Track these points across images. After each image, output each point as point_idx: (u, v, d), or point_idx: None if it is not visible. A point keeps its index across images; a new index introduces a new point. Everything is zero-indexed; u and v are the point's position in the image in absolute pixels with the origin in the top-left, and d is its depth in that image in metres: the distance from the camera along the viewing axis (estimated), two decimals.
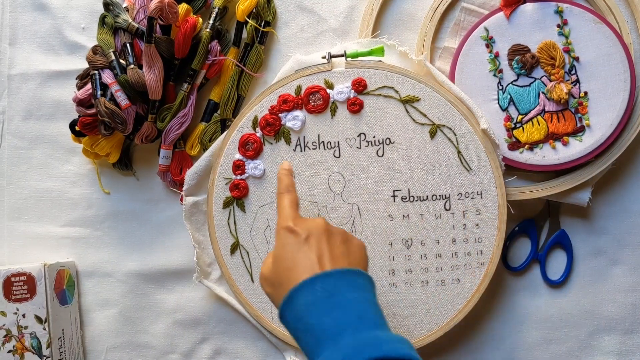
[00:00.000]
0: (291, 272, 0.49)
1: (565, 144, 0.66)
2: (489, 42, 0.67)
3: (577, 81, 0.66)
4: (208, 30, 0.69)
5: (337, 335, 0.44)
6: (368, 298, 0.48)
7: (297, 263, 0.49)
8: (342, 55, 0.67)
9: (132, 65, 0.67)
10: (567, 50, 0.66)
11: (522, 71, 0.67)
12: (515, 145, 0.67)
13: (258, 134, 0.68)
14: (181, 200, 0.70)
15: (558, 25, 0.66)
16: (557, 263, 0.71)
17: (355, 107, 0.67)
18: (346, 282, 0.48)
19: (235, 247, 0.68)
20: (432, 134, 0.66)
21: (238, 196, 0.68)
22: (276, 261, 0.51)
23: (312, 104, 0.67)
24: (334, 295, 0.46)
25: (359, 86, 0.66)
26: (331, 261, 0.49)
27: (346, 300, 0.46)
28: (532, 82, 0.67)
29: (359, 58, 0.67)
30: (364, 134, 0.67)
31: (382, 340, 0.44)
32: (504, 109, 0.67)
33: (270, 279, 0.51)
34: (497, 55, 0.67)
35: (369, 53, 0.67)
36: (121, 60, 0.68)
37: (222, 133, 0.70)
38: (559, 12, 0.66)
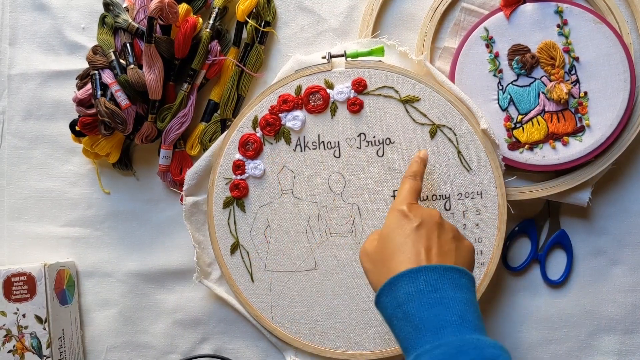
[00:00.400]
0: (395, 256, 0.49)
1: (565, 144, 0.66)
2: (489, 42, 0.67)
3: (577, 81, 0.66)
4: (208, 30, 0.70)
5: (438, 330, 0.44)
6: (470, 299, 0.47)
7: (404, 249, 0.49)
8: (342, 55, 0.67)
9: (132, 65, 0.67)
10: (567, 50, 0.66)
11: (522, 71, 0.67)
12: (515, 145, 0.67)
13: (258, 134, 0.68)
14: (181, 200, 0.70)
15: (558, 25, 0.66)
16: (557, 263, 0.71)
17: (355, 107, 0.67)
18: (450, 279, 0.47)
19: (235, 247, 0.68)
20: (432, 134, 0.66)
21: (238, 196, 0.68)
22: (383, 240, 0.51)
23: (312, 104, 0.67)
24: (437, 291, 0.46)
25: (359, 86, 0.66)
26: (438, 256, 0.49)
27: (448, 298, 0.46)
28: (532, 82, 0.67)
29: (359, 58, 0.67)
30: (364, 134, 0.67)
31: (485, 344, 0.44)
32: (504, 109, 0.67)
33: (372, 256, 0.51)
34: (497, 55, 0.67)
35: (369, 53, 0.67)
36: (121, 60, 0.68)
37: (222, 133, 0.70)
38: (559, 12, 0.66)
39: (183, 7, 0.68)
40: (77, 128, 0.69)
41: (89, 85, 0.68)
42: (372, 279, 0.51)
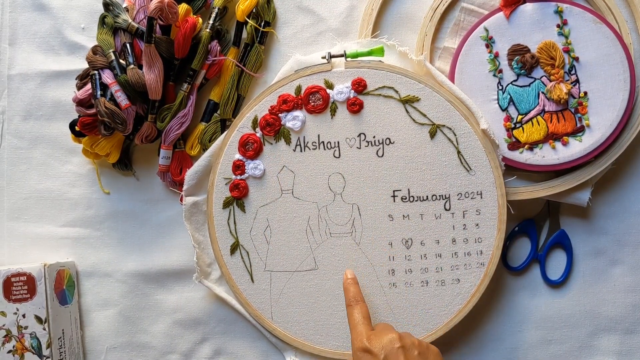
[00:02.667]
0: None
1: (565, 144, 0.66)
2: (489, 42, 0.67)
3: (577, 81, 0.66)
4: (208, 30, 0.69)
5: None
6: None
7: None
8: (342, 56, 0.67)
9: (132, 65, 0.67)
10: (567, 50, 0.66)
11: (522, 71, 0.67)
12: (515, 145, 0.67)
13: (258, 134, 0.68)
14: (181, 200, 0.70)
15: (558, 25, 0.66)
16: (557, 263, 0.71)
17: (355, 107, 0.67)
18: None
19: (235, 247, 0.68)
20: (432, 134, 0.66)
21: (238, 196, 0.68)
22: None
23: (312, 104, 0.67)
24: None
25: (359, 86, 0.66)
26: None
27: None
28: (532, 82, 0.67)
29: (359, 58, 0.67)
30: (364, 134, 0.67)
31: None
32: (504, 109, 0.67)
33: None
34: (497, 55, 0.67)
35: (369, 53, 0.67)
36: (121, 60, 0.68)
37: (222, 133, 0.70)
38: (559, 12, 0.66)
39: (183, 7, 0.68)
40: (77, 128, 0.68)
41: (89, 86, 0.68)
42: None
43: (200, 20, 0.70)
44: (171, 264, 0.72)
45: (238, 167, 0.68)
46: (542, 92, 0.67)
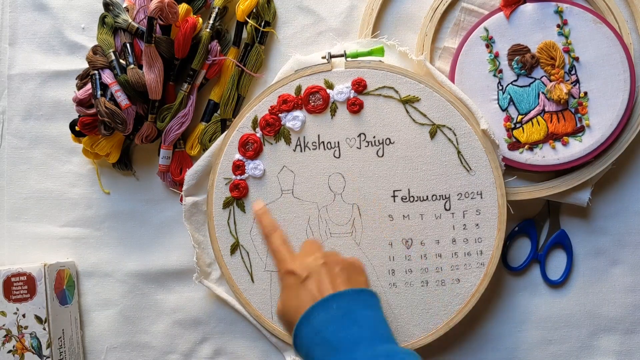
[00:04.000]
0: (299, 310, 0.52)
1: (565, 144, 0.66)
2: (489, 42, 0.67)
3: (577, 81, 0.66)
4: (208, 30, 0.69)
5: (353, 347, 0.48)
6: (379, 315, 0.52)
7: (303, 300, 0.53)
8: (342, 55, 0.67)
9: (132, 65, 0.67)
10: (567, 51, 0.66)
11: (522, 71, 0.67)
12: (515, 145, 0.67)
13: (258, 134, 0.68)
14: (181, 200, 0.70)
15: (558, 26, 0.66)
16: (557, 263, 0.71)
17: (355, 107, 0.67)
18: (359, 301, 0.52)
19: (235, 247, 0.68)
20: (432, 134, 0.66)
21: (238, 196, 0.68)
22: (285, 303, 0.55)
23: (312, 104, 0.67)
24: (349, 313, 0.51)
25: (359, 86, 0.66)
26: (334, 291, 0.52)
27: (360, 317, 0.51)
28: (532, 82, 0.67)
29: (359, 58, 0.67)
30: (364, 134, 0.67)
31: (395, 352, 0.48)
32: (504, 109, 0.67)
33: (284, 318, 0.55)
34: (497, 56, 0.67)
35: (369, 53, 0.67)
36: (121, 60, 0.68)
37: (222, 133, 0.70)
38: (559, 12, 0.66)
39: (183, 7, 0.68)
40: (77, 128, 0.68)
41: (89, 85, 0.68)
42: (291, 329, 0.53)
43: (200, 20, 0.69)
44: (171, 264, 0.72)
45: (238, 167, 0.68)
46: (542, 92, 0.67)
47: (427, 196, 0.66)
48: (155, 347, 0.73)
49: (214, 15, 0.70)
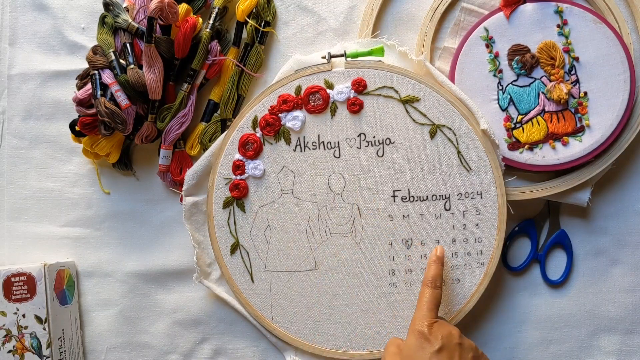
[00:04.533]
0: None
1: (565, 144, 0.66)
2: (489, 42, 0.67)
3: (577, 81, 0.66)
4: (208, 30, 0.69)
5: None
6: None
7: None
8: (342, 55, 0.67)
9: (132, 65, 0.67)
10: (567, 51, 0.66)
11: (522, 71, 0.67)
12: (515, 145, 0.67)
13: (258, 134, 0.68)
14: (181, 200, 0.70)
15: (558, 26, 0.66)
16: (557, 263, 0.71)
17: (355, 107, 0.67)
18: None
19: (235, 247, 0.68)
20: (432, 134, 0.66)
21: (238, 196, 0.68)
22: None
23: (312, 104, 0.67)
24: None
25: (359, 86, 0.66)
26: None
27: None
28: (532, 82, 0.67)
29: (359, 58, 0.67)
30: (364, 134, 0.67)
31: None
32: (504, 109, 0.67)
33: None
34: (497, 55, 0.67)
35: (369, 53, 0.67)
36: (121, 60, 0.68)
37: (222, 133, 0.70)
38: (559, 12, 0.66)
39: (183, 7, 0.68)
40: (77, 128, 0.69)
41: (89, 85, 0.68)
42: None
43: (200, 20, 0.70)
44: (171, 264, 0.72)
45: (238, 167, 0.68)
46: (542, 92, 0.67)
47: (427, 196, 0.66)
48: (155, 347, 0.73)
49: (214, 15, 0.70)
